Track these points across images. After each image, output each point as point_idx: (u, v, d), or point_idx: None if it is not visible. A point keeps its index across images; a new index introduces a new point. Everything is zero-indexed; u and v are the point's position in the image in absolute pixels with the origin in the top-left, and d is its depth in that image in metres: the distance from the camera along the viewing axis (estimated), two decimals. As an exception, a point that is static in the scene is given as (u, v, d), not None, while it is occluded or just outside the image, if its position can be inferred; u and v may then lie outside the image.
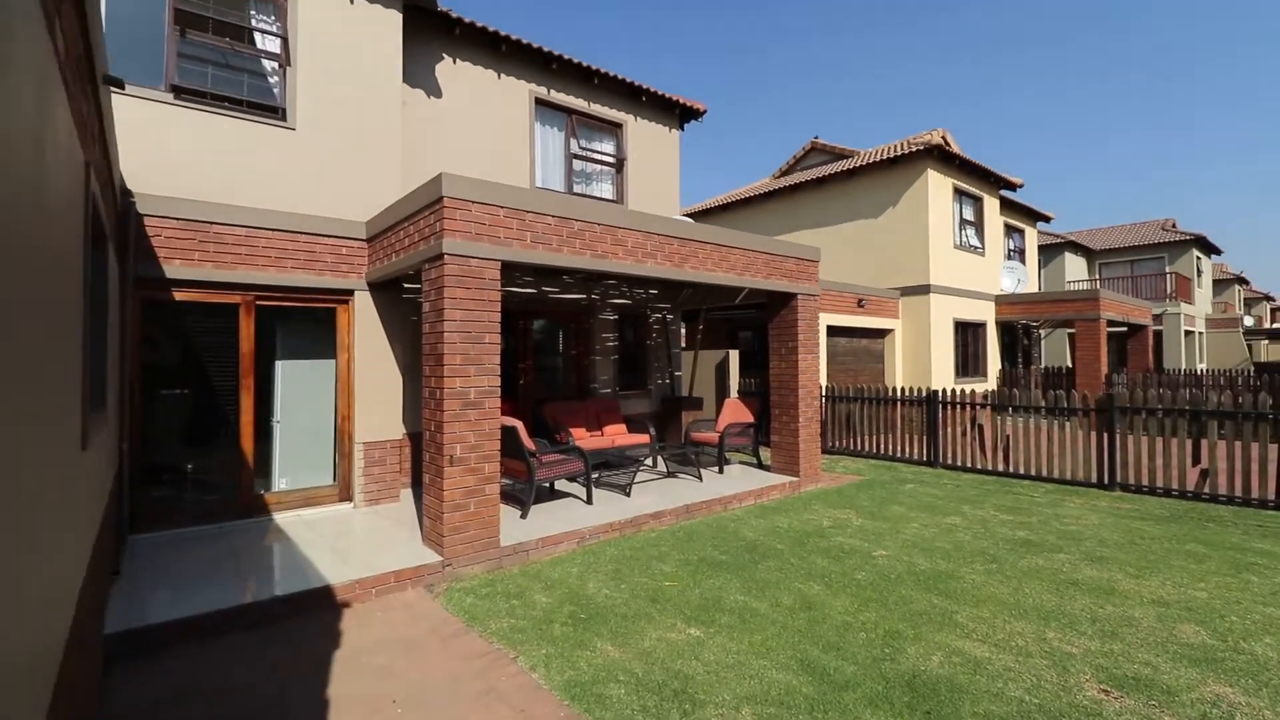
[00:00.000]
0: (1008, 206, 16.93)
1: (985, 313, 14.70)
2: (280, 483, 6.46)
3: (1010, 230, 17.66)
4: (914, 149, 12.74)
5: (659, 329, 10.08)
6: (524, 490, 6.31)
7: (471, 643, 3.84)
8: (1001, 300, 14.99)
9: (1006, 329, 16.08)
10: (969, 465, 9.13)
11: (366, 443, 6.56)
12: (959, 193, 13.93)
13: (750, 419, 8.82)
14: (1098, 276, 26.09)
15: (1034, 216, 18.64)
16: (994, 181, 14.90)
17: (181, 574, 4.58)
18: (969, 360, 14.18)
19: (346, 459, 6.60)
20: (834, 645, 3.71)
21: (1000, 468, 8.88)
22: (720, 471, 8.29)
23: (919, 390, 9.77)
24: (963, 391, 9.42)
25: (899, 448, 10.00)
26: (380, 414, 6.64)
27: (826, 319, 11.36)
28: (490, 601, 4.42)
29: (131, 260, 5.30)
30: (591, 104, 9.55)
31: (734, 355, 12.03)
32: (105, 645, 3.57)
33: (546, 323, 9.48)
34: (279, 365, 6.51)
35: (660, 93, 9.96)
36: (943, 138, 12.66)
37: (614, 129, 9.90)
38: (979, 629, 3.92)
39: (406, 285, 7.46)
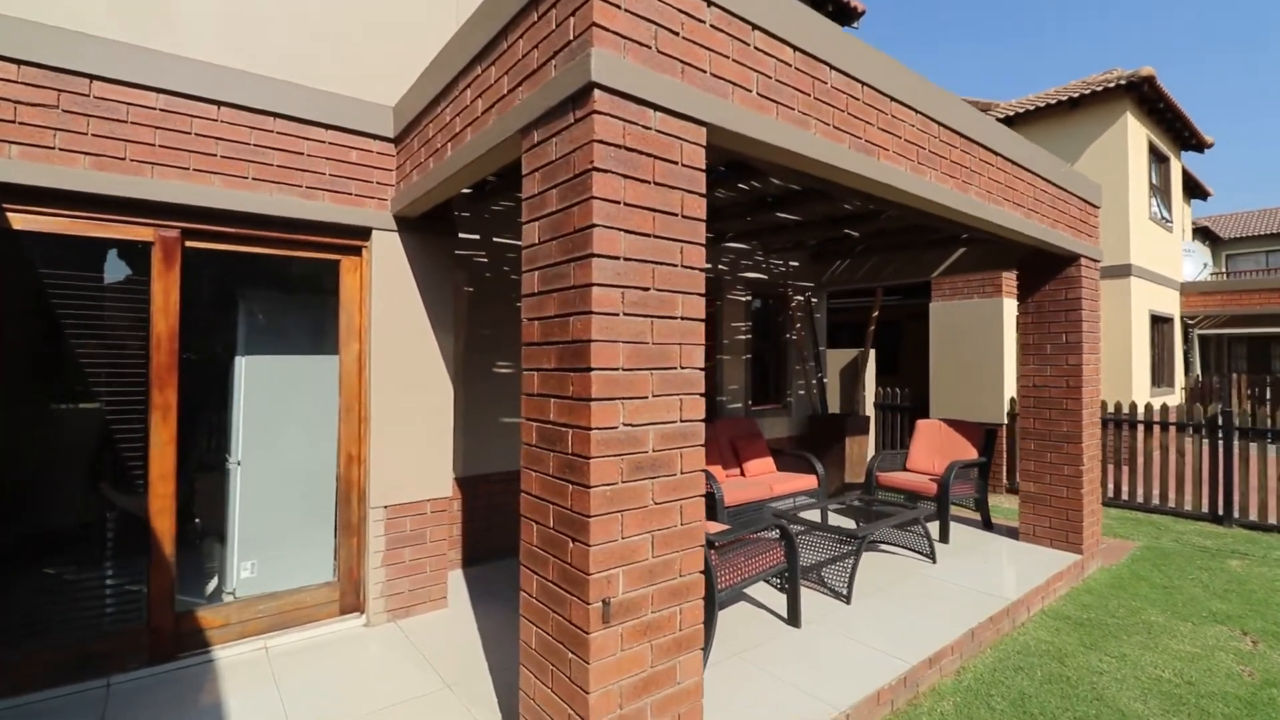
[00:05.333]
0: (1173, 176, 13.66)
1: (1172, 305, 11.47)
2: (241, 573, 3.56)
3: (1170, 206, 14.38)
4: (1110, 86, 9.57)
5: (801, 316, 7.06)
6: (686, 606, 3.32)
7: None
8: (1190, 290, 11.76)
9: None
10: (1296, 527, 5.99)
11: (391, 506, 3.62)
12: (1151, 150, 10.72)
13: (974, 453, 5.76)
14: (1223, 269, 22.56)
15: (1192, 190, 15.31)
16: (1183, 139, 11.67)
17: None
18: (1156, 365, 10.96)
19: (355, 535, 3.66)
20: None
21: (1360, 534, 5.73)
22: (943, 539, 5.24)
23: (1189, 410, 6.63)
24: (1252, 410, 6.27)
25: (1155, 492, 6.86)
26: (416, 453, 3.70)
27: (1014, 309, 8.23)
28: None
29: (-119, 128, 2.41)
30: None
31: (872, 355, 8.99)
32: None
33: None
34: (240, 363, 3.62)
35: (809, -22, 6.95)
36: (1150, 74, 9.46)
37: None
38: None
39: (464, 235, 4.51)
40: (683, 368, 2.14)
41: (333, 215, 3.43)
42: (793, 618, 3.59)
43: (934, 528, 5.25)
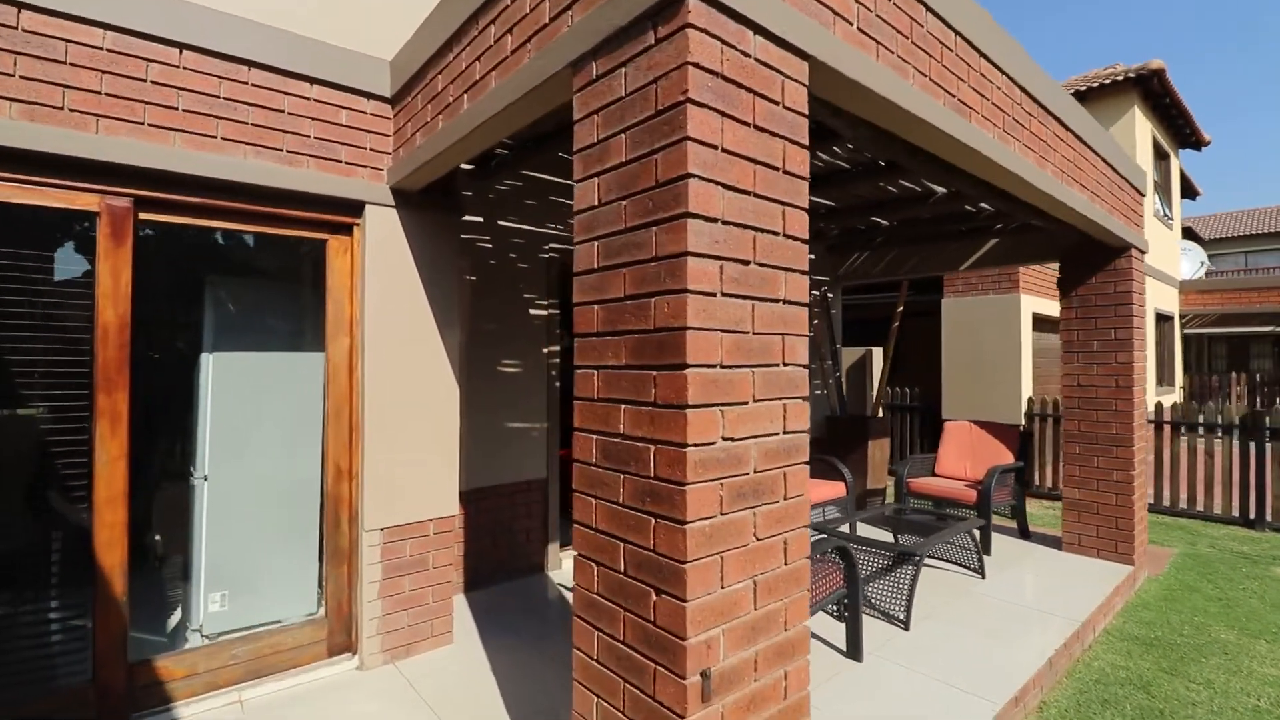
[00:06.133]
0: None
1: (1172, 303, 11.37)
2: (209, 606, 3.02)
3: (1161, 205, 14.36)
4: (1118, 79, 9.37)
5: (818, 312, 6.66)
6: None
7: None
8: (1189, 288, 11.68)
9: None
10: (1334, 531, 5.76)
11: (389, 528, 3.10)
12: (1154, 146, 10.58)
13: (1010, 457, 5.41)
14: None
15: (1183, 189, 15.34)
16: (1183, 136, 11.58)
17: None
18: (1158, 364, 10.83)
19: (345, 563, 3.13)
20: None
21: (1401, 538, 5.52)
22: (985, 550, 4.87)
23: (1216, 409, 6.39)
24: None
25: (1183, 495, 6.62)
26: (417, 464, 3.18)
27: (1032, 305, 7.96)
28: None
29: None
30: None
31: (877, 354, 8.66)
32: None
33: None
34: (207, 361, 3.08)
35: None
36: (1160, 67, 9.27)
37: None
38: None
39: (471, 217, 3.99)
40: (785, 365, 1.69)
41: (319, 185, 2.90)
42: (853, 649, 3.15)
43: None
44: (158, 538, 3.98)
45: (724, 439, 1.52)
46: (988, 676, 2.99)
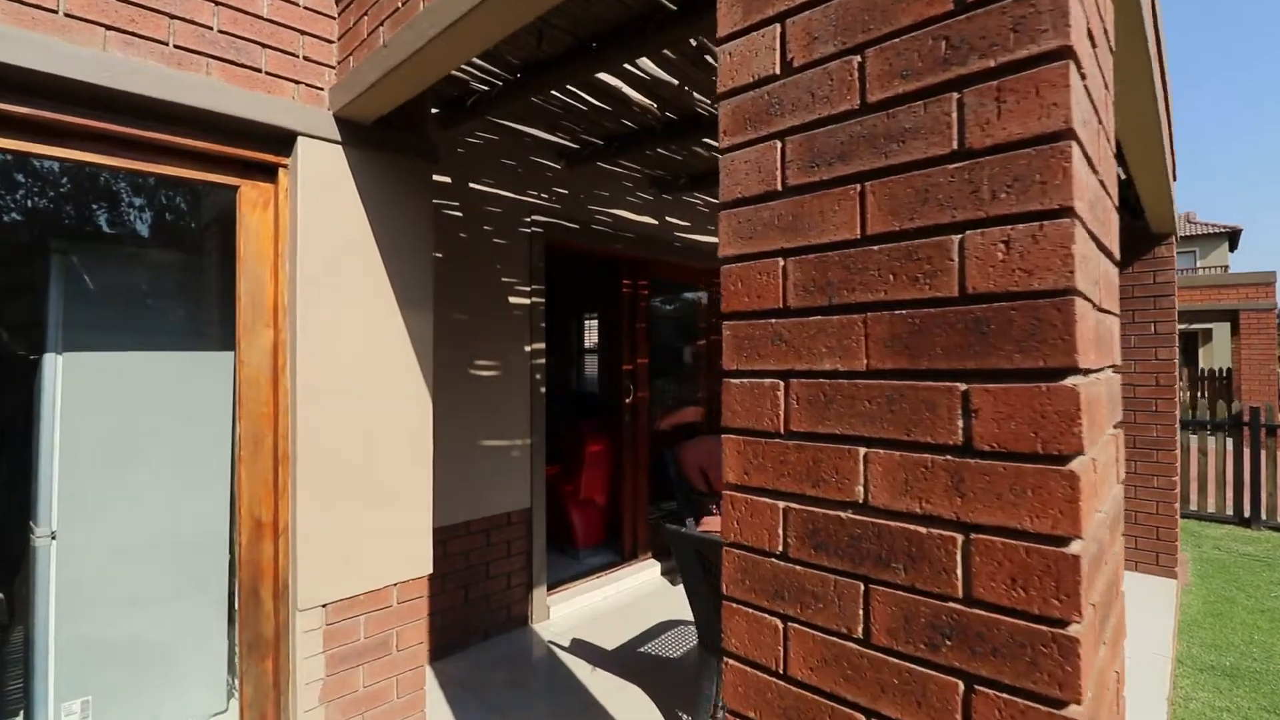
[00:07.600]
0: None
1: (1116, 300, 11.66)
2: (64, 719, 2.01)
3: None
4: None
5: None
6: None
7: None
8: (1131, 285, 11.99)
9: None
10: (1328, 528, 5.69)
11: (335, 603, 2.17)
12: (1103, 143, 10.74)
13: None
14: (1113, 271, 24.34)
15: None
16: (1124, 136, 11.88)
17: None
18: (1107, 360, 11.03)
19: (270, 655, 2.17)
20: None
21: (1393, 534, 5.48)
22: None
23: (1212, 407, 6.27)
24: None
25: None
26: (376, 511, 2.25)
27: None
28: None
29: None
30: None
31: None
32: None
33: (668, 289, 5.22)
34: (54, 365, 2.06)
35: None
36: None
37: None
38: None
39: (438, 176, 3.05)
40: (1114, 368, 0.95)
41: (227, 102, 1.94)
42: None
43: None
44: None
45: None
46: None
